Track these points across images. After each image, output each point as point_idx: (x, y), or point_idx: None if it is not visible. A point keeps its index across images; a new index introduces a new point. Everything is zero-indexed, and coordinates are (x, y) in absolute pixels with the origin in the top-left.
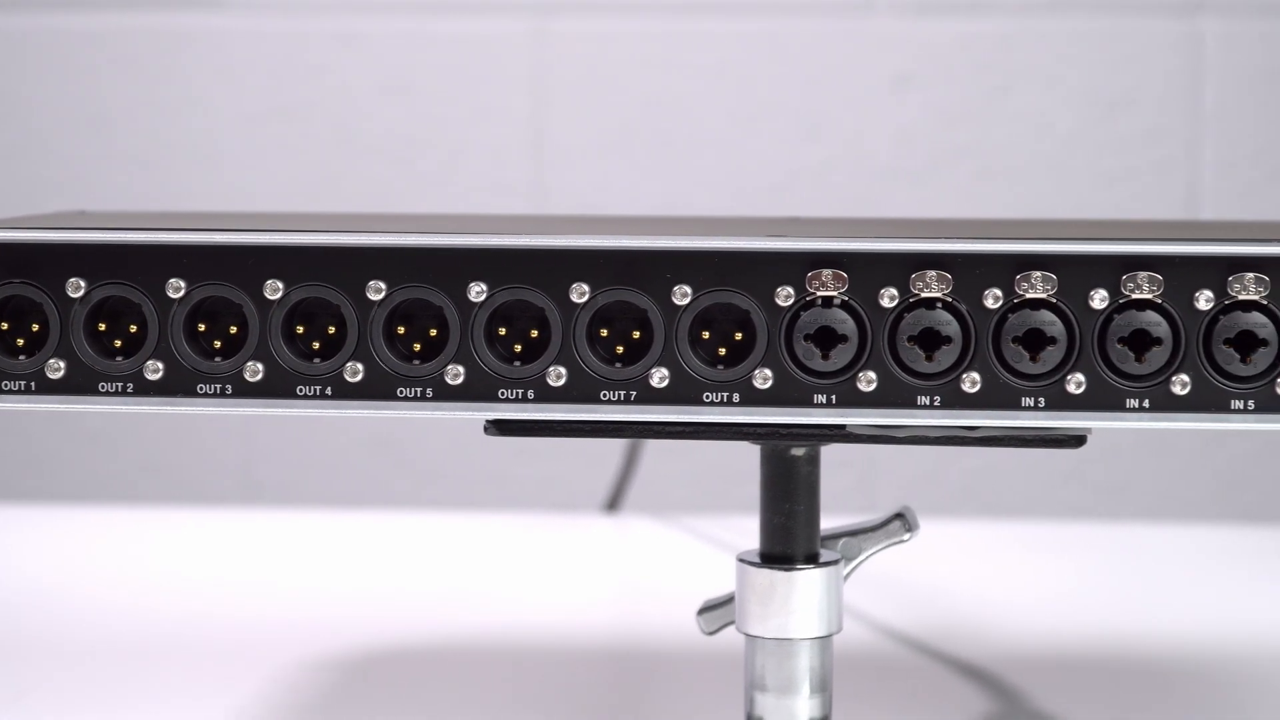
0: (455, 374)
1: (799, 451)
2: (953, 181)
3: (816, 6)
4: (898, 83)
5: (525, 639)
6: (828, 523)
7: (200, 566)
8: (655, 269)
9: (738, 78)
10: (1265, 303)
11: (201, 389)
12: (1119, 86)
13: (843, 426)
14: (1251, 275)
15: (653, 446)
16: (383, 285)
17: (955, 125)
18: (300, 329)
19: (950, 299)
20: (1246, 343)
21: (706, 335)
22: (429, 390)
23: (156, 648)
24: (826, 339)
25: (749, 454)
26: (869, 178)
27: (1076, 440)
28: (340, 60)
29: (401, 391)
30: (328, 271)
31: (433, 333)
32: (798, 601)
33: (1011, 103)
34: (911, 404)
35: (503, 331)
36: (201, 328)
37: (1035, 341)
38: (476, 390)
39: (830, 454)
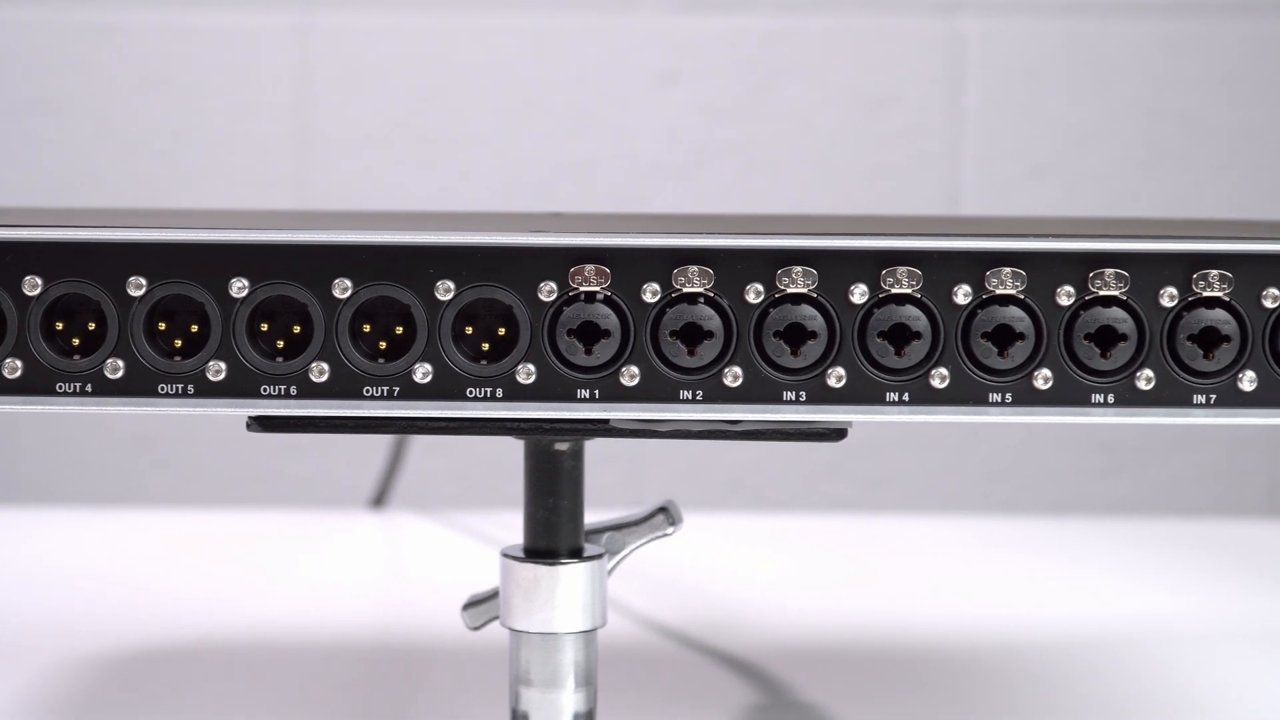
0: (217, 370)
1: (563, 446)
2: (717, 177)
3: (582, 3)
4: (663, 79)
5: (291, 636)
6: (595, 517)
7: None
8: (418, 264)
9: (503, 73)
10: (1022, 297)
11: None
12: (881, 84)
13: (606, 421)
14: (1009, 270)
15: (419, 442)
16: (143, 281)
17: (720, 121)
18: (60, 325)
19: (712, 294)
20: (1004, 337)
21: (470, 331)
22: (190, 387)
23: None
24: (590, 334)
25: (514, 449)
26: (634, 173)
27: (837, 433)
28: (101, 53)
29: (163, 388)
30: (87, 267)
31: (194, 329)
32: (562, 596)
33: (776, 99)
34: (674, 398)
35: (265, 327)
36: None
37: (796, 335)
38: (239, 386)
39: (598, 449)
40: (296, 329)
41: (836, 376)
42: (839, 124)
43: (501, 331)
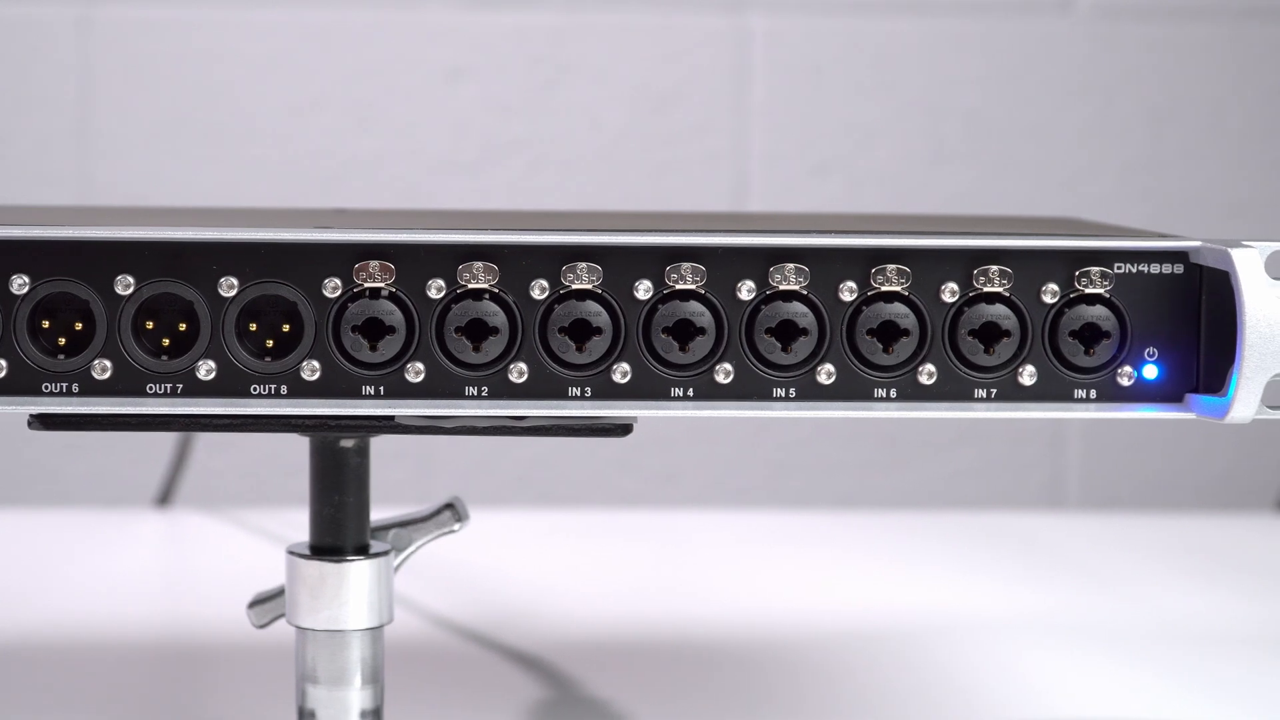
0: None
1: (348, 443)
2: (505, 173)
3: None
4: (450, 75)
5: (74, 636)
6: (381, 514)
7: None
8: (201, 261)
9: (289, 68)
10: (805, 293)
11: None
12: (668, 80)
13: (391, 418)
14: (792, 266)
15: (205, 440)
16: None
17: (507, 117)
18: None
19: (498, 290)
20: (787, 331)
21: (254, 327)
22: None
23: None
24: (375, 330)
25: (300, 446)
26: (421, 169)
27: (622, 429)
28: None
29: None
30: None
31: None
32: (348, 593)
33: (563, 95)
34: (459, 394)
35: (46, 324)
36: None
37: (581, 331)
38: (20, 384)
39: (386, 445)
40: (78, 326)
41: (622, 372)
42: (626, 121)
43: (286, 328)
